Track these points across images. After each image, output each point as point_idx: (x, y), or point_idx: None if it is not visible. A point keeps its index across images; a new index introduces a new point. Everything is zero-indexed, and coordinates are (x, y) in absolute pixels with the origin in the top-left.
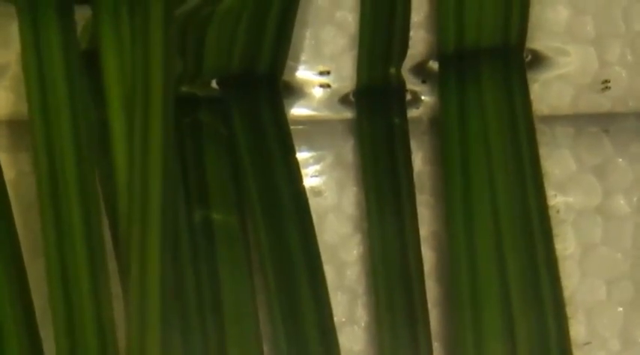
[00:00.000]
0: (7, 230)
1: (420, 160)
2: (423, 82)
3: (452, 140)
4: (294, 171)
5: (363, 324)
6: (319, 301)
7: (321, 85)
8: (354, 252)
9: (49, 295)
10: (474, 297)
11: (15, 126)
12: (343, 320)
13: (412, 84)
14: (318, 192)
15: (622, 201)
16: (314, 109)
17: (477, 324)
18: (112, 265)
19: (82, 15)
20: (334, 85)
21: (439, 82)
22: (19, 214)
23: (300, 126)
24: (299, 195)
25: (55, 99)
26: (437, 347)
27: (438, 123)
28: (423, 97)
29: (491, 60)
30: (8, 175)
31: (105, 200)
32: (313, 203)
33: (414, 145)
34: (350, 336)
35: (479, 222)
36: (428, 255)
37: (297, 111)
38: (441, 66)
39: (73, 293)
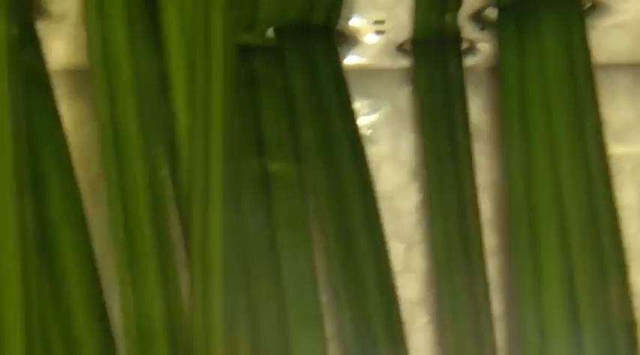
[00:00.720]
0: (69, 179)
1: (476, 108)
2: (481, 29)
3: (510, 88)
4: (350, 120)
5: (419, 273)
6: (377, 249)
7: (377, 34)
8: (411, 200)
9: (113, 241)
10: (533, 245)
11: (72, 75)
12: (399, 268)
13: (470, 32)
14: (373, 141)
15: None
16: (369, 58)
17: (535, 271)
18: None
19: None
20: (390, 34)
21: (498, 30)
22: (76, 162)
23: (356, 75)
24: (356, 143)
25: (115, 48)
26: (495, 295)
27: (495, 71)
28: (479, 45)
29: (550, 7)
30: (65, 124)
31: (166, 149)
32: (369, 152)
33: (470, 93)
34: (406, 285)
35: (538, 171)
36: (484, 204)
37: (353, 60)
38: (499, 14)
39: (136, 239)
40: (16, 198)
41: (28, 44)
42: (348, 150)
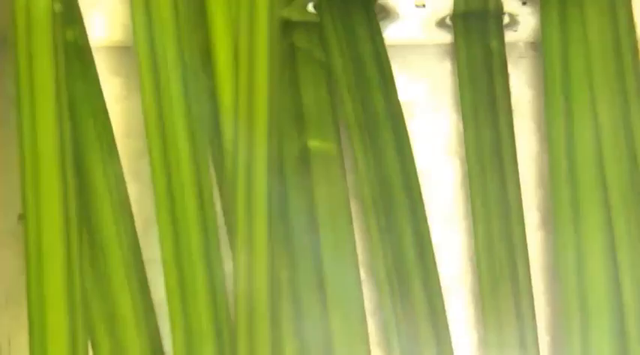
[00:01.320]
0: (110, 154)
1: (517, 84)
2: (524, 3)
3: (552, 63)
4: (391, 95)
5: (458, 247)
6: (417, 225)
7: (418, 8)
8: (449, 176)
9: (157, 215)
10: (576, 221)
11: (111, 52)
12: (439, 242)
13: (511, 6)
14: (412, 116)
15: None
16: (410, 33)
17: (578, 247)
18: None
19: None
20: (430, 9)
21: (540, 4)
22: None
23: (396, 50)
24: (397, 119)
25: (160, 24)
26: (536, 272)
27: (536, 46)
28: (521, 20)
29: None
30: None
31: (210, 125)
32: (408, 127)
33: (511, 68)
34: (445, 259)
35: (580, 146)
36: (525, 180)
37: (393, 34)
38: None
39: (179, 213)
40: (60, 174)
41: (71, 20)
42: (389, 126)
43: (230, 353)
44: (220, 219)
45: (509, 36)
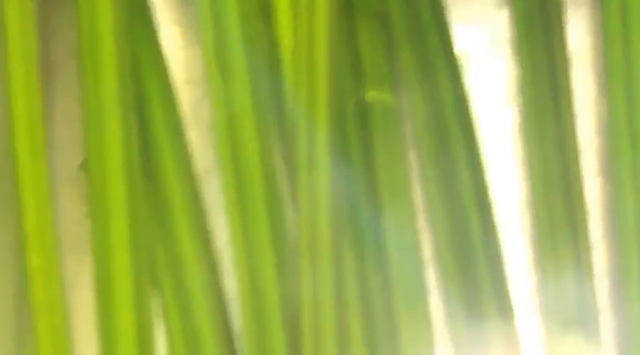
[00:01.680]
0: (170, 102)
1: (575, 31)
2: None
3: (612, 9)
4: (448, 46)
5: (517, 194)
6: (475, 170)
7: None
8: (506, 125)
9: (219, 162)
10: (635, 170)
11: (171, 2)
12: (497, 189)
13: None
14: (470, 65)
15: None
16: None
17: (637, 194)
18: None
19: None
20: None
21: None
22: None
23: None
24: (454, 69)
25: None
26: (593, 220)
27: None
28: None
29: None
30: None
31: (270, 72)
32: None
33: (569, 16)
34: (503, 206)
35: None
36: (583, 129)
37: None
38: None
39: (241, 160)
40: (122, 121)
41: None
42: (447, 75)
43: (294, 297)
44: (281, 167)
45: None
